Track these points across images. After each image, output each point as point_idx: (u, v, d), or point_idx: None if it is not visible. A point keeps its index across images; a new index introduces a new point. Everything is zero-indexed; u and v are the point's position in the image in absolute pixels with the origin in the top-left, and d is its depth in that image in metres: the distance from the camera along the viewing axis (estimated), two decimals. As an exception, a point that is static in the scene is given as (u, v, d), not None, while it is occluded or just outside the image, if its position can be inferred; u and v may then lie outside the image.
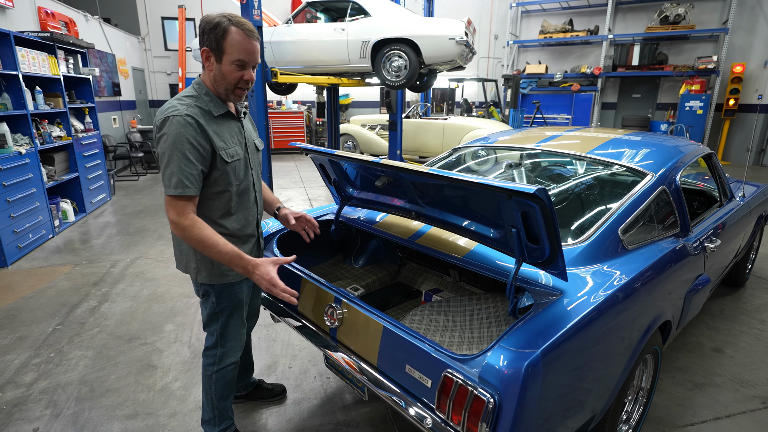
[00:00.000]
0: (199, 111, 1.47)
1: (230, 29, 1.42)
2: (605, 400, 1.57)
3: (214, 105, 1.52)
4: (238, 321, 1.74)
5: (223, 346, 1.74)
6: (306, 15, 6.71)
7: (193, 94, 1.51)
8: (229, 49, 1.43)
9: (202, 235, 1.44)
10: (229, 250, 1.47)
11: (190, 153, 1.42)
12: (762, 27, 9.59)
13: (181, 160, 1.41)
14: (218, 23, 1.41)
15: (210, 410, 1.83)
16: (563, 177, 2.48)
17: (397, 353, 1.47)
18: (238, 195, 1.61)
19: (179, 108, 1.44)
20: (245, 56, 1.45)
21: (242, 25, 1.44)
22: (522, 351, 1.22)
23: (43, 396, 2.27)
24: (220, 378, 1.77)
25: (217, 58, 1.46)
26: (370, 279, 2.41)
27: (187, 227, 1.44)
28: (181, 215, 1.44)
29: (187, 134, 1.41)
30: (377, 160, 1.62)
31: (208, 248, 1.45)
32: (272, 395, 2.25)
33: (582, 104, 11.29)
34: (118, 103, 8.64)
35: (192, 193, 1.45)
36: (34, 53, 4.54)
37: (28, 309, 3.18)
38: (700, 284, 2.17)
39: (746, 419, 2.14)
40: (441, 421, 1.30)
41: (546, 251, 1.38)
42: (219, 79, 1.49)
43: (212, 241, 1.45)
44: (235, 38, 1.42)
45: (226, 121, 1.56)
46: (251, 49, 1.46)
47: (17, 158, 4.10)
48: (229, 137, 1.55)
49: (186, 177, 1.42)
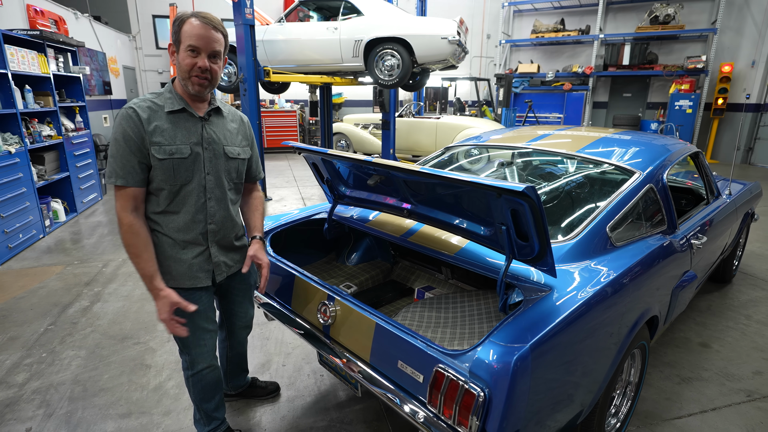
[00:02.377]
0: (148, 105, 1.49)
1: (188, 19, 1.44)
2: (594, 394, 1.60)
3: (172, 102, 1.51)
4: (193, 327, 1.62)
5: (188, 353, 1.69)
6: (298, 14, 6.70)
7: (158, 91, 1.56)
8: (184, 37, 1.45)
9: (131, 241, 1.46)
10: (147, 268, 1.47)
11: (126, 144, 1.44)
12: (750, 27, 9.73)
13: (117, 150, 1.44)
14: (179, 16, 1.46)
15: (197, 410, 1.84)
16: (553, 175, 2.51)
17: (389, 349, 1.49)
18: (176, 195, 1.53)
19: (131, 102, 1.49)
20: (196, 41, 1.43)
21: (200, 15, 1.46)
22: (511, 346, 1.24)
23: (35, 396, 2.26)
24: (197, 382, 1.75)
25: (176, 49, 1.47)
26: (363, 277, 2.43)
27: (124, 225, 1.46)
28: (123, 209, 1.46)
29: (125, 125, 1.44)
30: (370, 159, 1.64)
31: (132, 255, 1.47)
32: (266, 393, 2.25)
33: (573, 103, 11.38)
34: (108, 102, 8.56)
35: (122, 183, 1.45)
36: (23, 51, 4.50)
37: (20, 309, 3.16)
38: (687, 280, 2.21)
39: (732, 412, 2.19)
40: (433, 416, 1.32)
41: (535, 248, 1.40)
42: (179, 71, 1.49)
43: (138, 250, 1.47)
44: (189, 26, 1.44)
45: (181, 118, 1.52)
46: (204, 34, 1.44)
47: (7, 158, 4.06)
48: (173, 134, 1.49)
49: (120, 167, 1.44)
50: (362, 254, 2.63)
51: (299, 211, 2.47)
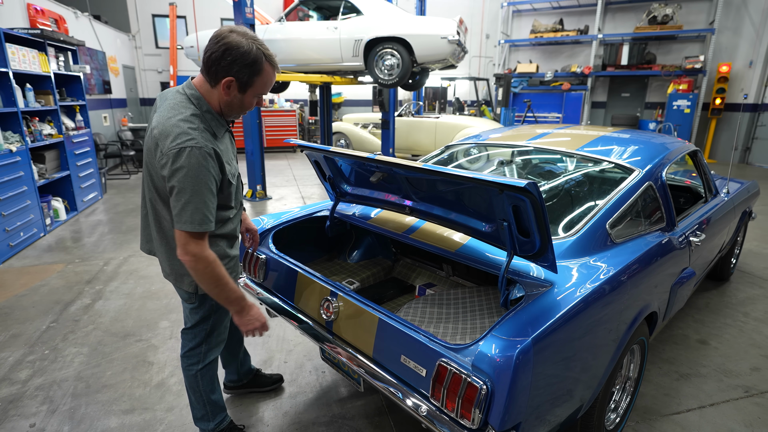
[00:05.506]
0: (210, 135, 1.40)
1: (266, 67, 1.40)
2: (593, 389, 1.62)
3: (216, 124, 1.46)
4: (226, 316, 1.77)
5: (208, 344, 1.75)
6: (298, 13, 6.71)
7: (196, 112, 1.40)
8: (258, 85, 1.42)
9: (220, 273, 1.44)
10: (238, 291, 1.50)
11: (213, 186, 1.38)
12: (747, 27, 9.77)
13: (205, 196, 1.35)
14: (256, 59, 1.36)
15: (202, 407, 1.83)
16: (553, 173, 2.53)
17: (392, 344, 1.50)
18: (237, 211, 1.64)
19: (194, 136, 1.33)
20: (268, 89, 1.46)
21: (273, 60, 1.41)
22: (513, 339, 1.26)
23: (38, 392, 2.27)
24: (206, 373, 1.79)
25: (241, 90, 1.41)
26: (364, 274, 2.45)
27: (210, 263, 1.41)
28: (205, 250, 1.40)
29: (209, 167, 1.35)
30: (372, 156, 1.65)
31: (220, 286, 1.45)
32: (271, 382, 2.32)
33: (572, 103, 11.41)
34: (108, 101, 8.57)
35: (213, 227, 1.41)
36: (24, 50, 4.50)
37: (21, 307, 3.17)
38: (686, 277, 2.23)
39: (729, 407, 2.21)
40: (435, 409, 1.34)
41: (536, 244, 1.42)
42: (235, 106, 1.45)
43: (226, 280, 1.46)
44: (268, 76, 1.41)
45: (225, 137, 1.51)
46: (274, 81, 1.47)
47: (8, 156, 4.07)
48: (230, 155, 1.52)
49: (209, 212, 1.38)
50: (364, 251, 2.65)
51: (301, 209, 2.49)
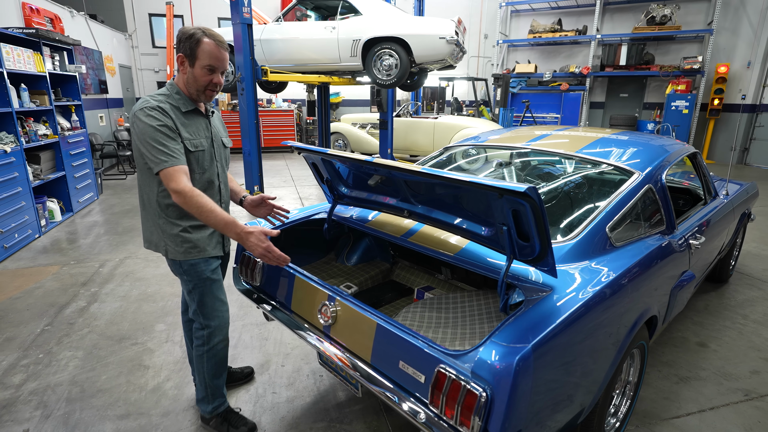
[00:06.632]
0: (169, 106, 1.67)
1: (203, 39, 1.63)
2: (594, 394, 1.60)
3: (183, 102, 1.71)
4: (211, 298, 1.83)
5: (208, 327, 1.86)
6: (296, 13, 6.70)
7: (165, 93, 1.71)
8: (201, 56, 1.64)
9: (202, 201, 1.59)
10: (226, 217, 1.61)
11: (168, 132, 1.62)
12: (745, 28, 9.78)
13: (162, 138, 1.60)
14: (193, 34, 1.63)
15: (203, 389, 1.96)
16: (552, 176, 2.52)
17: (390, 350, 1.48)
18: (202, 183, 1.76)
19: (151, 102, 1.64)
20: (215, 62, 1.65)
21: (214, 36, 1.65)
22: (513, 346, 1.24)
23: (32, 397, 2.24)
24: (212, 357, 1.89)
25: (191, 63, 1.66)
26: (362, 277, 2.43)
27: (188, 194, 1.57)
28: (181, 183, 1.58)
29: (159, 117, 1.61)
30: (370, 159, 1.63)
31: (206, 213, 1.59)
32: (243, 377, 2.37)
33: (571, 103, 11.42)
34: (105, 101, 8.52)
35: (181, 163, 1.61)
36: (18, 50, 4.47)
37: (15, 309, 3.13)
38: (685, 280, 2.22)
39: (729, 411, 2.20)
40: (434, 416, 1.32)
41: (536, 248, 1.40)
42: (191, 82, 1.68)
43: (210, 206, 1.60)
44: (207, 47, 1.63)
45: (194, 117, 1.75)
46: (220, 56, 1.66)
47: (2, 156, 4.03)
48: (194, 130, 1.74)
49: (171, 151, 1.60)
50: (362, 254, 2.62)
51: (299, 211, 2.47)
